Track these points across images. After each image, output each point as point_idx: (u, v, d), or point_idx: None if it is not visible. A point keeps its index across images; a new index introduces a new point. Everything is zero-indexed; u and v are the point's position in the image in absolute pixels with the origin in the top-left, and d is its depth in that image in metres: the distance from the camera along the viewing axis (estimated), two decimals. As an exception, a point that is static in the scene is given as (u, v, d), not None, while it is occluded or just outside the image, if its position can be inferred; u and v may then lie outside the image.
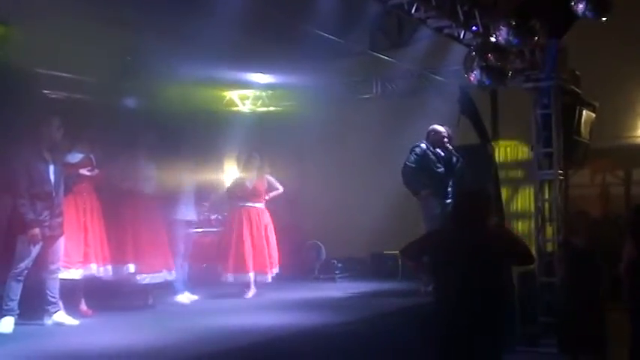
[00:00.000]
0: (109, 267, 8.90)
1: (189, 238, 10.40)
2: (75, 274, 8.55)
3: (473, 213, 6.34)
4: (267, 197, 11.01)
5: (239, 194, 10.86)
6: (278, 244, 11.00)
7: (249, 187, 10.82)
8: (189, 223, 10.39)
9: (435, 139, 10.79)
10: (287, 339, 7.51)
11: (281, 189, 11.11)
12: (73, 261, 8.54)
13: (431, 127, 10.86)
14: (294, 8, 9.53)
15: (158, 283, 9.55)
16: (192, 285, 10.30)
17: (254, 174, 10.92)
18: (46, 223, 7.83)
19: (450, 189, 10.76)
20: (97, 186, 8.94)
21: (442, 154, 10.75)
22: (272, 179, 11.09)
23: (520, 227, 12.17)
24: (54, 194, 7.91)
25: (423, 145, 10.75)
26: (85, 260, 8.64)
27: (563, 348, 10.48)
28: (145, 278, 9.25)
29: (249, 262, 10.59)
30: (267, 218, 10.93)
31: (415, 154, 10.70)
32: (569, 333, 10.43)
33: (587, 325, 9.95)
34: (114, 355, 6.67)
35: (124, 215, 9.24)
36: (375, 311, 9.37)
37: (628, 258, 8.08)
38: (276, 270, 10.87)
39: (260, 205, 10.90)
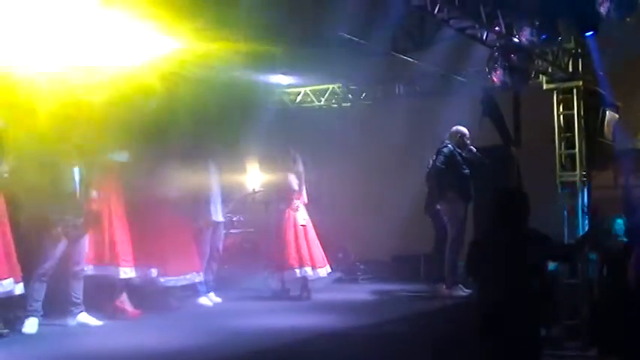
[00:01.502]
0: (133, 269, 8.90)
1: (219, 240, 10.40)
2: (131, 273, 8.65)
3: (511, 212, 6.34)
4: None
5: (283, 194, 10.78)
6: None
7: (291, 186, 10.71)
8: (218, 225, 10.38)
9: (459, 141, 10.72)
10: (310, 341, 7.48)
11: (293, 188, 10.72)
12: (128, 259, 8.61)
13: (454, 128, 10.78)
14: (317, 10, 9.54)
15: (182, 286, 9.53)
16: (215, 287, 10.28)
17: (280, 174, 10.84)
18: (70, 223, 7.85)
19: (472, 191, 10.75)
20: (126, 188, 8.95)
21: (466, 155, 10.70)
22: (291, 179, 10.72)
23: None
24: (78, 194, 7.93)
25: (451, 147, 10.68)
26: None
27: (594, 349, 10.48)
28: (169, 281, 9.24)
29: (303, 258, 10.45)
30: (293, 219, 10.65)
31: (444, 155, 10.60)
32: (596, 334, 10.43)
33: (622, 325, 9.95)
34: (137, 357, 6.68)
35: (149, 218, 9.19)
36: (398, 313, 9.34)
37: None
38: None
39: (284, 206, 10.71)
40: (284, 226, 10.57)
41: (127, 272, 8.61)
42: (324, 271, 10.72)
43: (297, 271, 10.43)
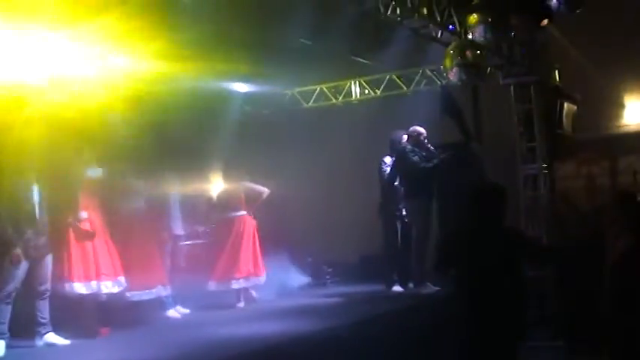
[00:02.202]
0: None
1: (179, 252, 10.40)
2: (114, 288, 8.71)
3: (491, 209, 6.37)
4: (253, 204, 11.00)
5: (222, 205, 10.88)
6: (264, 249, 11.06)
7: (230, 197, 10.83)
8: (178, 238, 10.39)
9: (417, 140, 10.83)
10: (281, 347, 7.50)
11: (265, 191, 11.01)
12: (111, 275, 8.67)
13: (412, 127, 10.91)
14: (271, 15, 9.56)
15: (149, 300, 9.50)
16: (181, 298, 10.25)
17: (233, 183, 10.93)
18: (31, 243, 7.78)
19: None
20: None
21: (424, 154, 10.79)
22: (252, 185, 10.98)
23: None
24: (38, 214, 7.87)
25: (409, 147, 10.79)
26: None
27: (562, 339, 10.57)
28: (134, 295, 9.20)
29: (241, 270, 10.60)
30: (251, 227, 10.87)
31: (405, 154, 10.78)
32: (564, 324, 10.52)
33: (581, 316, 10.04)
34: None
35: (112, 232, 9.13)
36: (367, 315, 9.35)
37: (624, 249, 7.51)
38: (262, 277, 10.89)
39: (242, 214, 10.84)
40: (229, 235, 10.71)
41: (107, 287, 8.60)
42: (262, 279, 10.87)
43: (240, 280, 10.61)
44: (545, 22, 10.39)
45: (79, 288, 8.44)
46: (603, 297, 8.62)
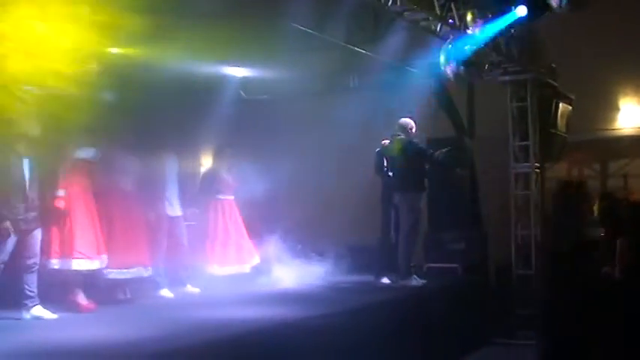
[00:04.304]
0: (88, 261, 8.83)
1: (181, 234, 10.42)
2: (93, 264, 8.67)
3: None
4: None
5: (214, 186, 10.90)
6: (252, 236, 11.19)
7: (224, 179, 10.88)
8: (176, 219, 10.36)
9: (410, 133, 10.80)
10: (269, 331, 7.50)
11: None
12: (90, 252, 8.63)
13: (404, 120, 10.77)
14: (270, 1, 9.56)
15: (133, 278, 9.49)
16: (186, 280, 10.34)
17: (226, 165, 11.01)
18: (21, 217, 7.77)
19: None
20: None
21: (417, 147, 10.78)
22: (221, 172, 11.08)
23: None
24: (28, 188, 7.87)
25: (405, 138, 10.77)
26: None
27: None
28: (110, 273, 9.17)
29: (232, 255, 10.73)
30: (237, 210, 11.04)
31: (399, 146, 10.74)
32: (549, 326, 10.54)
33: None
34: (95, 349, 6.61)
35: (101, 211, 9.09)
36: (353, 304, 9.37)
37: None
38: (256, 261, 10.99)
39: (232, 198, 11.01)
40: (220, 219, 10.89)
41: (80, 264, 8.59)
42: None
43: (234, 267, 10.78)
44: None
45: (55, 264, 8.46)
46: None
